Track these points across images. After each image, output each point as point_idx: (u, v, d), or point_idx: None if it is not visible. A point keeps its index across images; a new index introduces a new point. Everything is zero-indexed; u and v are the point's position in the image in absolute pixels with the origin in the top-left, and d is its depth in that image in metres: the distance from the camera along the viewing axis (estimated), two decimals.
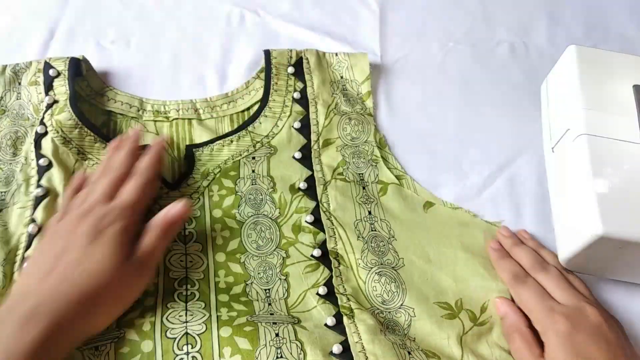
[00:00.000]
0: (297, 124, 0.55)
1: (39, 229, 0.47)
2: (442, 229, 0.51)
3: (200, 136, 0.55)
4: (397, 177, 0.54)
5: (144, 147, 0.53)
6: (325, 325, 0.44)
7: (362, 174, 0.54)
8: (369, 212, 0.51)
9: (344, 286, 0.47)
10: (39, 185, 0.49)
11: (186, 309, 0.44)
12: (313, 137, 0.55)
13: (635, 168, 0.47)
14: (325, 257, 0.48)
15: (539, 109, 0.61)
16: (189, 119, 0.56)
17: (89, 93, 0.57)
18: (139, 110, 0.57)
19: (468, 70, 0.65)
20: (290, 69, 0.59)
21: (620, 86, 0.52)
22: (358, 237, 0.49)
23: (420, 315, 0.46)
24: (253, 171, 0.52)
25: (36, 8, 0.67)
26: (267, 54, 0.59)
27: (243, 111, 0.58)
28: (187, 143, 0.55)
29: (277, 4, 0.69)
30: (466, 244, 0.51)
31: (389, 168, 0.54)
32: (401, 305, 0.46)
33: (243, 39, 0.65)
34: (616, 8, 0.72)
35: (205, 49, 0.64)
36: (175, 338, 0.42)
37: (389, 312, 0.46)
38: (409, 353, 0.42)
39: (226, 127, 0.56)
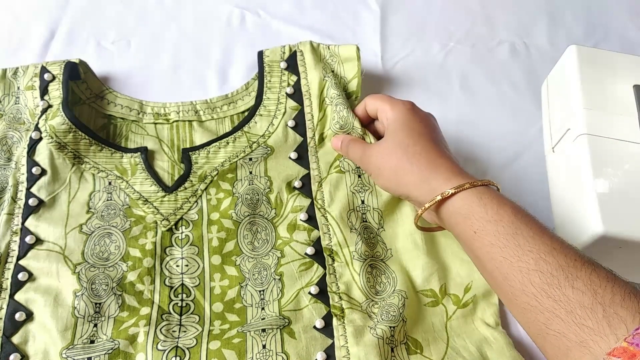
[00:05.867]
0: (291, 122, 0.55)
1: (37, 239, 0.47)
2: None
3: (200, 138, 0.55)
4: None
5: (144, 150, 0.53)
6: (314, 327, 0.44)
7: None
8: (362, 201, 0.51)
9: (337, 284, 0.47)
10: (30, 194, 0.49)
11: (180, 324, 0.44)
12: (309, 133, 0.55)
13: (635, 168, 0.47)
14: (319, 255, 0.48)
15: (539, 109, 0.61)
16: (190, 121, 0.56)
17: (89, 96, 0.57)
18: (139, 113, 0.56)
19: (468, 70, 0.65)
20: (283, 64, 0.58)
21: (621, 86, 0.52)
22: (351, 229, 0.49)
23: (410, 301, 0.46)
24: (250, 172, 0.52)
25: (36, 8, 0.67)
26: (260, 54, 0.59)
27: (243, 112, 0.57)
28: (188, 145, 0.55)
29: (278, 5, 0.69)
30: None
31: None
32: (394, 290, 0.47)
33: (243, 39, 0.66)
34: (616, 8, 0.72)
35: (205, 50, 0.64)
36: (165, 350, 0.42)
37: (383, 300, 0.46)
38: (392, 350, 0.43)
39: (227, 129, 0.56)
